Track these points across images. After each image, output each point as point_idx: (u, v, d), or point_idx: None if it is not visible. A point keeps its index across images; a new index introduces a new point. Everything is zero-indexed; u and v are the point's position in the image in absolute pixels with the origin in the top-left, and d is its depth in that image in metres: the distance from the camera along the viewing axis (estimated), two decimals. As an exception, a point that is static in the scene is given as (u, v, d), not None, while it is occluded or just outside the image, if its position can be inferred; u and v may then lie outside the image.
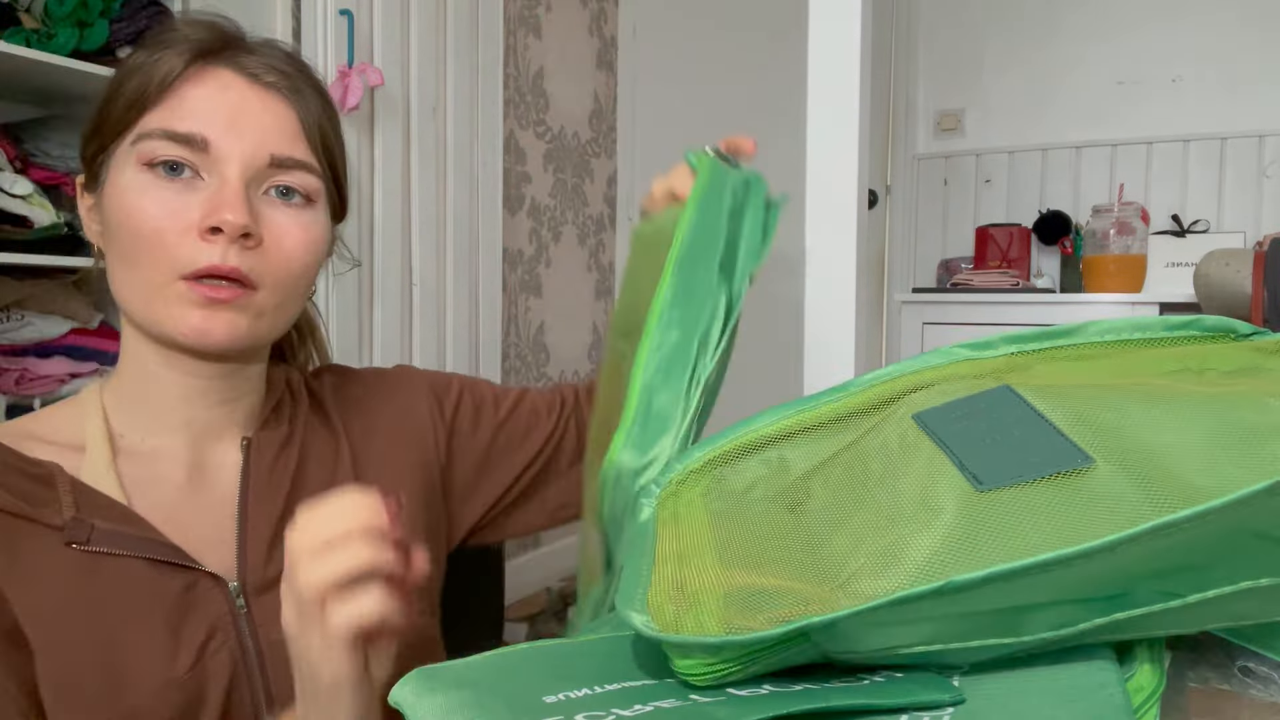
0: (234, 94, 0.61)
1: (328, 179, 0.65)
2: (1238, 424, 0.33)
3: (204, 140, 0.59)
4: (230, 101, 0.60)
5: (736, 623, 0.30)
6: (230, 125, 0.60)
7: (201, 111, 0.60)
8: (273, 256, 0.61)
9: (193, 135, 0.59)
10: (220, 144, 0.59)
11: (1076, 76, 3.14)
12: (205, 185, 0.59)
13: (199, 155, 0.59)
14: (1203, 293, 2.40)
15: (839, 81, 0.92)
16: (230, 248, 0.59)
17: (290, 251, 0.62)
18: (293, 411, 0.72)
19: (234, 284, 0.60)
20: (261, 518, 0.65)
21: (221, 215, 0.58)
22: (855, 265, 0.95)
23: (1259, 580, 0.30)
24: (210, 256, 0.58)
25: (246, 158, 0.60)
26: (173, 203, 0.59)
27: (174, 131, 0.59)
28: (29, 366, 1.60)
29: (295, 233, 0.62)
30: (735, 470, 0.47)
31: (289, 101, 0.63)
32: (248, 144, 0.60)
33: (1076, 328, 0.47)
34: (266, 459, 0.67)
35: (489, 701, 0.31)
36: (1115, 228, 2.89)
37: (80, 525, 0.58)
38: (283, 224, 0.62)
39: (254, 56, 0.63)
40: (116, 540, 0.58)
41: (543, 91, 2.95)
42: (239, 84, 0.61)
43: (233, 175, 0.59)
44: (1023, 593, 0.29)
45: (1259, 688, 0.37)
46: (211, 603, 0.60)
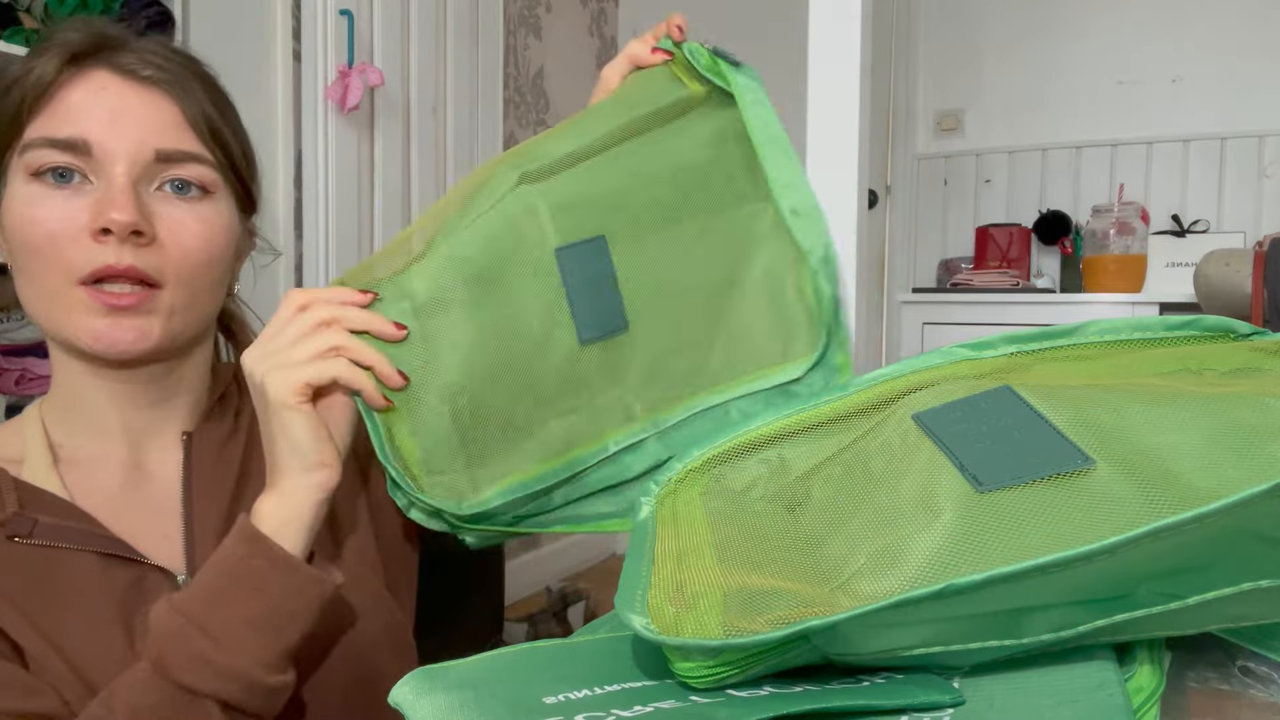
0: (110, 93, 0.59)
1: (224, 168, 0.64)
2: (1237, 425, 0.33)
3: (85, 143, 0.58)
4: (108, 101, 0.59)
5: (737, 625, 0.30)
6: (111, 125, 0.59)
7: (80, 114, 0.59)
8: (171, 252, 0.60)
9: (74, 140, 0.58)
10: (103, 145, 0.58)
11: (1076, 76, 3.14)
12: (94, 188, 0.59)
13: (83, 159, 0.58)
14: (1203, 293, 2.40)
15: (839, 81, 0.92)
16: (123, 247, 0.58)
17: (189, 244, 0.61)
18: (239, 404, 0.71)
19: (136, 285, 0.59)
20: (208, 512, 0.64)
21: (108, 215, 0.57)
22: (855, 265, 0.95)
23: (1259, 582, 0.30)
24: (104, 257, 0.57)
25: (130, 155, 0.59)
26: (62, 209, 0.58)
27: (54, 138, 0.58)
28: (29, 366, 1.60)
29: (191, 225, 0.61)
30: (734, 469, 0.47)
31: (170, 94, 0.61)
32: (130, 141, 0.59)
33: (1076, 328, 0.47)
34: (209, 453, 0.67)
35: (488, 702, 0.31)
36: (1115, 228, 2.89)
37: (22, 520, 0.58)
38: (177, 218, 0.60)
39: (131, 54, 0.61)
40: (60, 534, 0.58)
41: (543, 91, 2.95)
42: (115, 83, 0.60)
43: (119, 174, 0.58)
44: (1023, 594, 0.29)
45: (1259, 688, 0.37)
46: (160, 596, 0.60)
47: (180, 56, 0.64)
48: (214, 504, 0.65)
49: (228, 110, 0.66)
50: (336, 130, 1.90)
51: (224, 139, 0.64)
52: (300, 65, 1.88)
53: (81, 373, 0.63)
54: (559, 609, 2.25)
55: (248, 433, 0.70)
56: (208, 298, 0.64)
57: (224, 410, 0.70)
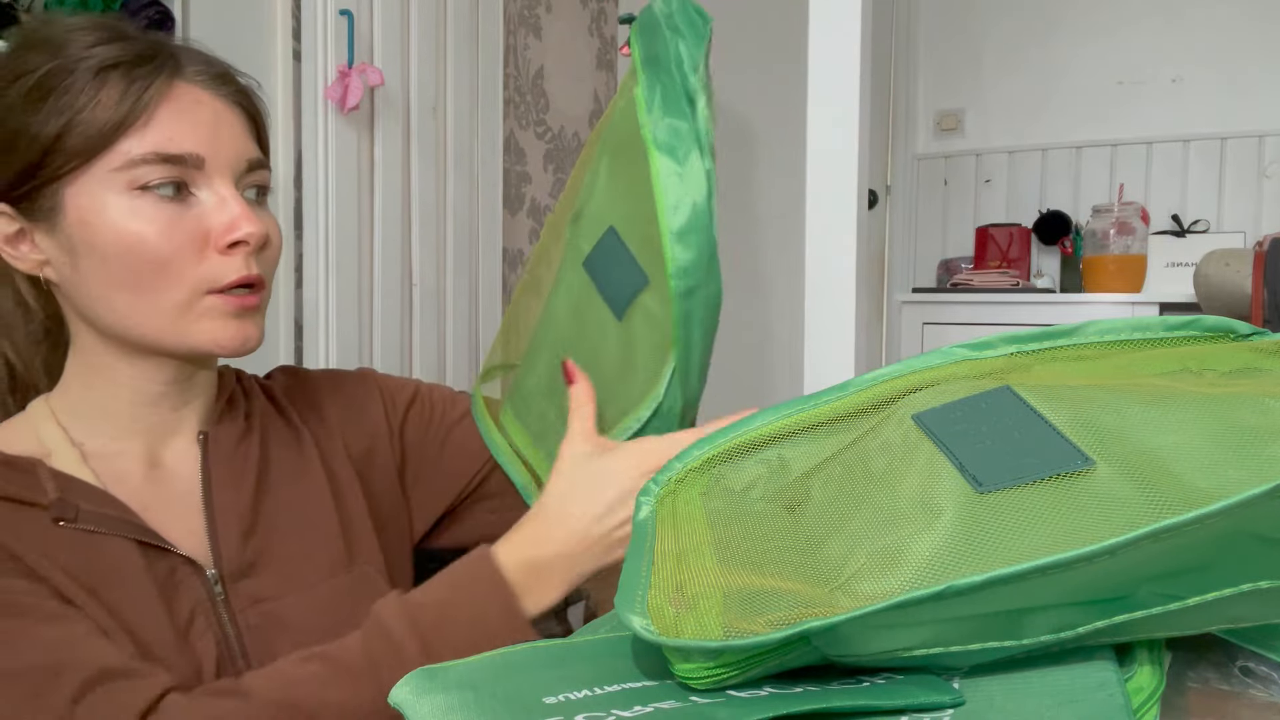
0: (207, 110, 0.62)
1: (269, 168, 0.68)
2: (1237, 425, 0.33)
3: (199, 158, 0.60)
4: (205, 116, 0.62)
5: (737, 626, 0.30)
6: (214, 140, 0.61)
7: (187, 131, 0.60)
8: (268, 255, 0.65)
9: (187, 155, 0.60)
10: (212, 159, 0.61)
11: (1076, 76, 3.14)
12: (200, 200, 0.61)
13: (192, 173, 0.60)
14: (1203, 293, 2.40)
15: (839, 81, 0.92)
16: (251, 258, 0.62)
17: (277, 246, 0.66)
18: (248, 407, 0.73)
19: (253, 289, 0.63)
20: (230, 507, 0.66)
21: (244, 229, 0.60)
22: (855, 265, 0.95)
23: (1259, 583, 0.30)
24: (238, 270, 0.61)
25: (234, 167, 0.62)
26: (179, 222, 0.60)
27: (168, 154, 0.59)
28: (29, 366, 1.60)
29: (275, 228, 0.66)
30: (734, 469, 0.47)
31: (242, 104, 0.65)
32: (233, 154, 0.62)
33: (1076, 328, 0.47)
34: (225, 451, 0.69)
35: (488, 702, 0.31)
36: (1115, 228, 2.89)
37: (66, 504, 0.59)
38: (267, 223, 0.64)
39: (201, 64, 0.64)
40: (102, 520, 0.60)
41: (543, 91, 2.95)
42: (208, 99, 0.63)
43: (227, 187, 0.62)
44: (1023, 595, 0.29)
45: (1259, 688, 0.37)
46: (192, 588, 0.62)
47: (231, 69, 0.67)
48: (236, 499, 0.67)
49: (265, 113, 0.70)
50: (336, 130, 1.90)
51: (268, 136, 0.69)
52: (300, 65, 1.88)
53: (123, 374, 0.65)
54: (559, 609, 2.25)
55: (261, 432, 0.72)
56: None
57: (234, 412, 0.72)
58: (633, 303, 0.66)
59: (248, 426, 0.72)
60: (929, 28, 3.35)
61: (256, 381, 0.78)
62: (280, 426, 0.74)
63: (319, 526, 0.70)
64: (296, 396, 0.78)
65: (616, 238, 0.67)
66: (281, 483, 0.70)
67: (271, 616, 0.64)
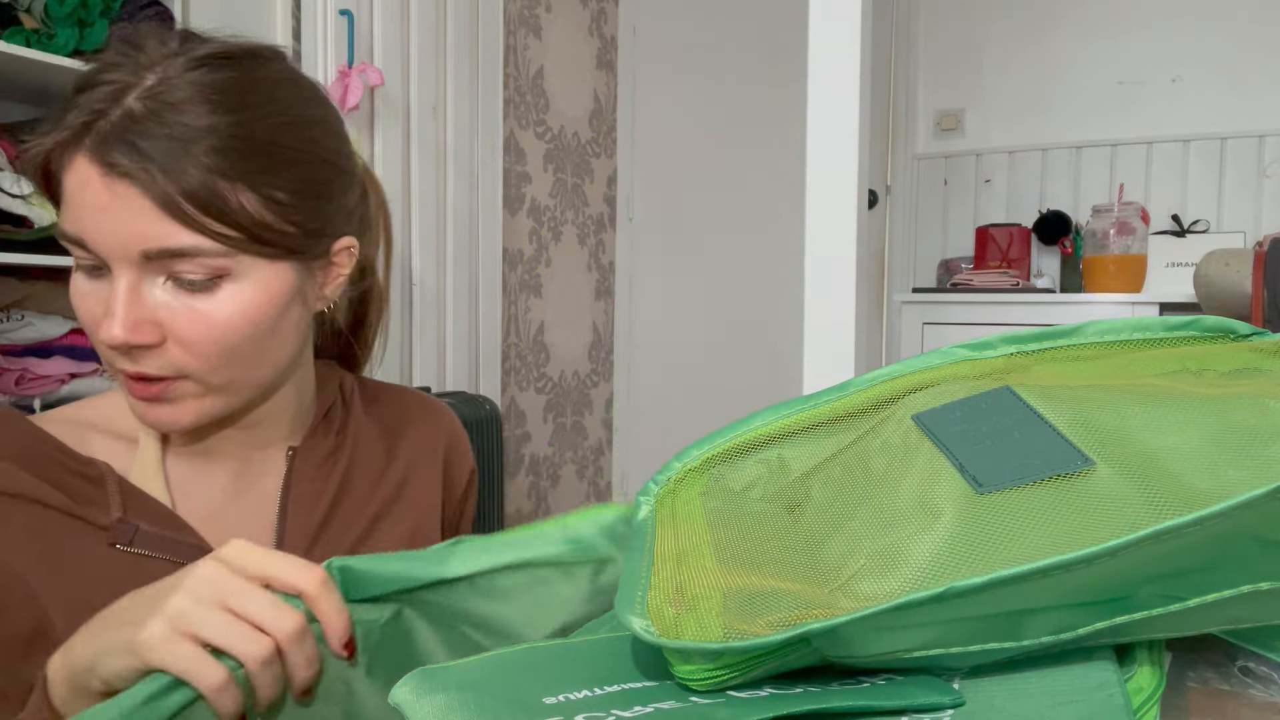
0: (90, 190, 0.54)
1: (240, 241, 0.56)
2: (1237, 426, 0.33)
3: (83, 242, 0.55)
4: (88, 199, 0.54)
5: (737, 627, 0.30)
6: (97, 226, 0.54)
7: (75, 210, 0.55)
8: (176, 352, 0.56)
9: (78, 238, 0.55)
10: (96, 246, 0.55)
11: (1076, 76, 3.14)
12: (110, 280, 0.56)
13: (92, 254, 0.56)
14: (1203, 293, 2.40)
15: (839, 81, 0.92)
16: (138, 355, 0.56)
17: (199, 340, 0.56)
18: (344, 420, 0.72)
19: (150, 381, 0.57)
20: (299, 529, 0.65)
21: (106, 330, 0.54)
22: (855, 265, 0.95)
23: (1259, 584, 0.30)
24: (122, 364, 0.56)
25: (121, 257, 0.54)
26: (89, 300, 0.57)
27: (64, 233, 0.56)
28: (29, 366, 1.60)
29: (199, 323, 0.56)
30: (734, 469, 0.47)
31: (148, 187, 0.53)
32: (116, 245, 0.54)
33: (1076, 328, 0.47)
34: (310, 469, 0.67)
35: (488, 702, 0.31)
36: (1115, 228, 2.89)
37: (125, 527, 0.58)
38: (181, 318, 0.56)
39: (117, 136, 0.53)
40: (159, 544, 0.59)
41: (543, 91, 2.95)
42: (95, 176, 0.53)
43: (119, 278, 0.55)
44: (1023, 597, 0.29)
45: (1259, 688, 0.37)
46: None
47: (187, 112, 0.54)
48: (305, 522, 0.65)
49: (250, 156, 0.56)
50: (336, 130, 1.90)
51: (227, 210, 0.55)
52: (300, 65, 1.88)
53: None
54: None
55: (350, 451, 0.71)
56: (248, 371, 0.60)
57: (329, 426, 0.70)
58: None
59: (338, 444, 0.70)
60: (929, 28, 3.35)
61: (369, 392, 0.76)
62: (373, 447, 0.72)
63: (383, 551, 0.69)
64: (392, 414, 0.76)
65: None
66: (358, 507, 0.69)
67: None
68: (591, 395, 3.32)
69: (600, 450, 3.40)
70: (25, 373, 1.60)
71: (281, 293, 0.60)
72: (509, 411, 2.87)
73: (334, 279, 0.65)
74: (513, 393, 2.89)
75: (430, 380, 2.27)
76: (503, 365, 2.77)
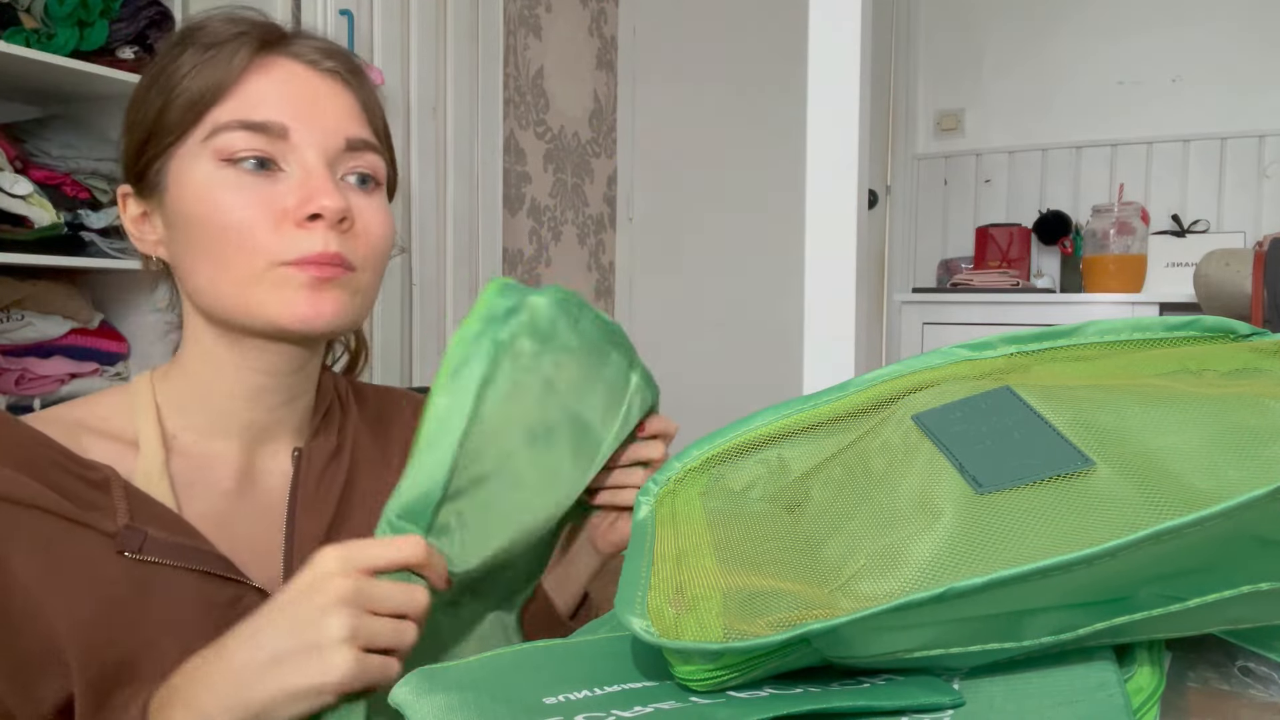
0: (301, 82, 0.61)
1: (388, 161, 0.66)
2: (1237, 426, 0.33)
3: (283, 128, 0.59)
4: (299, 90, 0.60)
5: (737, 628, 0.30)
6: (305, 112, 0.60)
7: (275, 100, 0.59)
8: (363, 240, 0.61)
9: (270, 123, 0.58)
10: (298, 131, 0.59)
11: (1076, 76, 3.14)
12: (287, 175, 0.59)
13: (278, 144, 0.59)
14: (1203, 293, 2.40)
15: (839, 81, 0.92)
16: (329, 234, 0.59)
17: (377, 235, 0.63)
18: (342, 420, 0.72)
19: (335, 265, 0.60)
20: (309, 530, 0.65)
21: (319, 201, 0.58)
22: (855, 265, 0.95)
23: (1259, 584, 0.30)
24: (312, 244, 0.58)
25: (324, 143, 0.60)
26: (261, 193, 0.58)
27: (251, 121, 0.58)
28: (29, 366, 1.60)
29: (379, 217, 0.63)
30: (734, 469, 0.47)
31: (349, 86, 0.63)
32: (324, 129, 0.60)
33: (1076, 328, 0.47)
34: (315, 470, 0.68)
35: (488, 702, 0.31)
36: (1115, 228, 2.89)
37: (133, 534, 0.57)
38: (366, 208, 0.62)
39: (309, 45, 0.62)
40: (169, 551, 0.58)
41: (543, 91, 2.94)
42: (304, 72, 0.61)
43: (315, 162, 0.59)
44: (1023, 597, 0.29)
45: (1259, 688, 0.37)
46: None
47: (344, 50, 0.66)
48: (315, 523, 0.65)
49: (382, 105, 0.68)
50: (336, 130, 1.91)
51: (387, 133, 0.67)
52: (300, 65, 1.89)
53: (228, 361, 0.63)
54: (559, 609, 2.25)
55: (351, 452, 0.71)
56: (377, 286, 0.66)
57: (329, 426, 0.71)
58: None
59: (339, 445, 0.70)
60: (929, 28, 3.35)
61: (358, 393, 0.77)
62: (371, 444, 0.73)
63: None
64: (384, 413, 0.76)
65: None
66: (363, 507, 0.69)
67: None
68: (591, 395, 3.31)
69: (600, 450, 3.39)
70: (25, 373, 1.59)
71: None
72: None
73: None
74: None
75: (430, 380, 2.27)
76: (503, 365, 2.76)
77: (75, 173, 1.61)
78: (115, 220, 1.65)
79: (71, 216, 1.60)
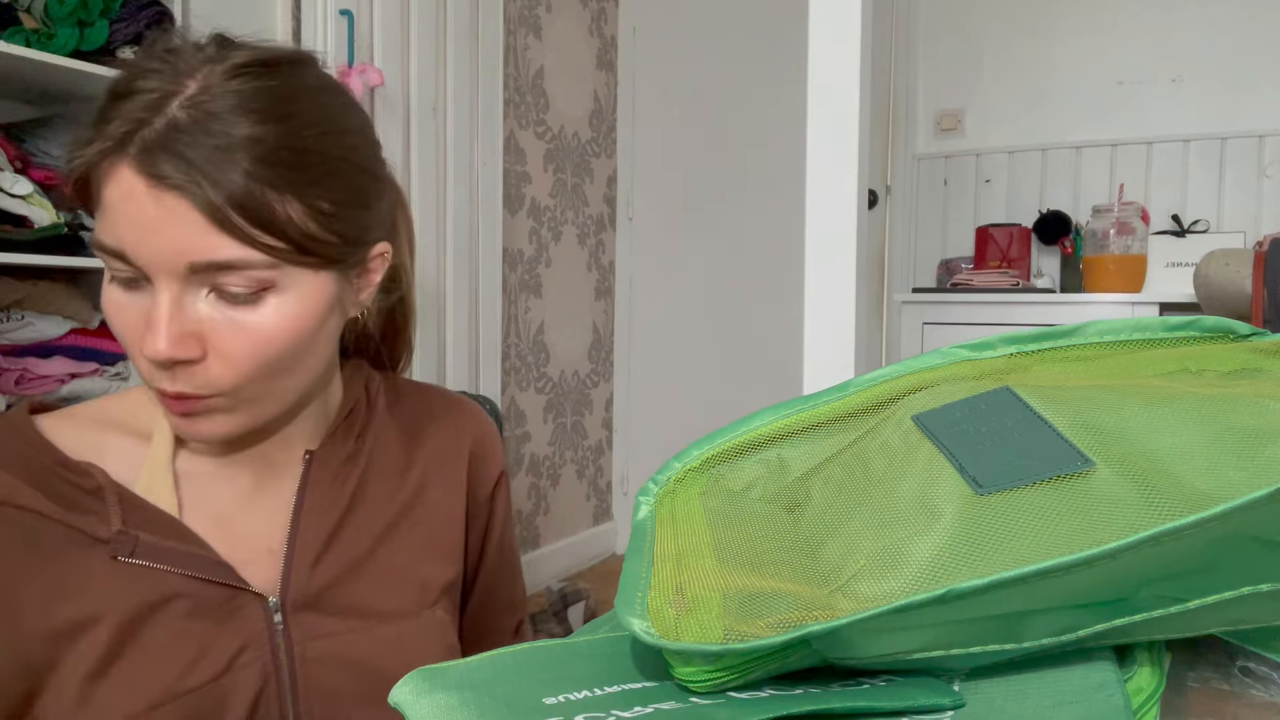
0: (134, 203, 0.52)
1: (286, 252, 0.55)
2: (1237, 427, 0.33)
3: (124, 255, 0.54)
4: (132, 212, 0.53)
5: (737, 629, 0.30)
6: (141, 238, 0.53)
7: (116, 222, 0.53)
8: (221, 367, 0.55)
9: (119, 251, 0.54)
10: (138, 258, 0.53)
11: (1076, 76, 3.14)
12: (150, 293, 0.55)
13: (132, 266, 0.54)
14: (1203, 293, 2.40)
15: (839, 81, 0.92)
16: (171, 373, 0.55)
17: (240, 356, 0.56)
18: (365, 422, 0.71)
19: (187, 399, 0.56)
20: (312, 534, 0.64)
21: (149, 345, 0.54)
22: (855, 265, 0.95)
23: (1259, 586, 0.30)
24: (160, 382, 0.55)
25: (165, 270, 0.53)
26: (126, 313, 0.56)
27: (104, 245, 0.54)
28: (29, 366, 1.60)
29: (236, 339, 0.55)
30: (733, 469, 0.47)
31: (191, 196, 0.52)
32: (161, 257, 0.53)
33: (1076, 328, 0.47)
34: (327, 474, 0.66)
35: (488, 702, 0.31)
36: (1115, 228, 2.89)
37: (125, 539, 0.57)
38: (223, 331, 0.55)
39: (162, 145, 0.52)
40: (161, 555, 0.58)
41: (543, 91, 2.94)
42: (140, 187, 0.52)
43: (160, 289, 0.54)
44: (1024, 598, 0.29)
45: (1259, 688, 0.37)
46: (249, 618, 0.60)
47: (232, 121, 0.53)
48: (319, 528, 0.64)
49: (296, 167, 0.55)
50: (336, 130, 1.90)
51: (275, 221, 0.54)
52: (300, 65, 1.89)
53: None
54: (559, 609, 2.25)
55: (368, 456, 0.69)
56: (284, 384, 0.60)
57: (349, 429, 0.69)
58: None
59: (357, 448, 0.69)
60: (929, 28, 3.35)
61: (396, 392, 0.75)
62: (393, 450, 0.71)
63: (399, 563, 0.68)
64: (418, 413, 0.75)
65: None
66: (373, 513, 0.68)
67: (332, 651, 0.62)
68: (591, 395, 3.31)
69: (600, 450, 3.40)
70: (25, 373, 1.59)
71: (323, 302, 0.59)
72: (509, 411, 2.87)
73: (369, 285, 0.65)
74: (513, 393, 2.88)
75: (430, 380, 2.27)
76: (503, 365, 2.76)
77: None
78: (115, 220, 1.65)
79: (71, 216, 1.60)
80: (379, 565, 0.67)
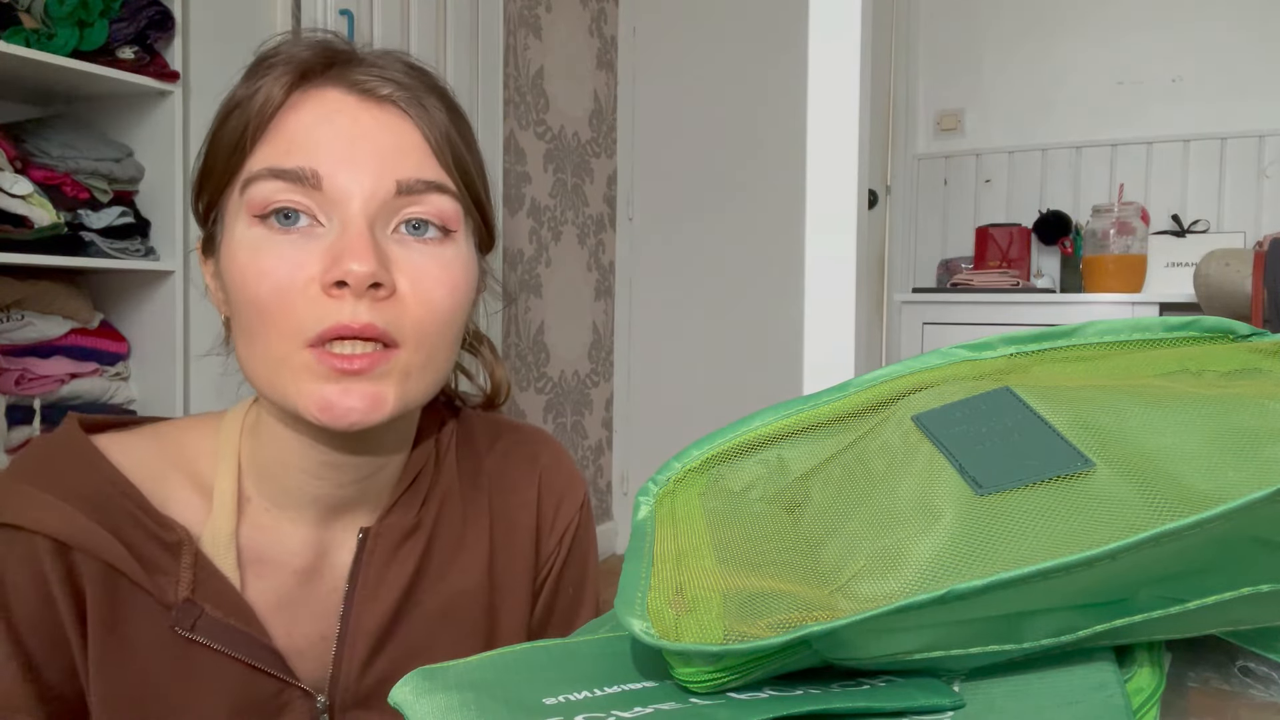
0: (344, 117, 0.51)
1: (467, 201, 0.55)
2: (1237, 427, 0.33)
3: (315, 175, 0.50)
4: (341, 126, 0.51)
5: (737, 629, 0.30)
6: (345, 153, 0.50)
7: (309, 141, 0.50)
8: (411, 306, 0.51)
9: (302, 171, 0.50)
10: (336, 177, 0.50)
11: (1076, 76, 3.14)
12: (325, 231, 0.51)
13: (313, 194, 0.50)
14: (1203, 293, 2.40)
15: (839, 81, 0.92)
16: (359, 303, 0.49)
17: (431, 297, 0.52)
18: (431, 488, 0.63)
19: (370, 345, 0.50)
20: (365, 623, 0.59)
21: (344, 265, 0.48)
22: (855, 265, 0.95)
23: (1259, 586, 0.30)
24: (337, 315, 0.49)
25: (368, 190, 0.50)
26: (291, 257, 0.50)
27: (280, 169, 0.50)
28: (29, 366, 1.60)
29: (434, 273, 0.52)
30: (733, 469, 0.47)
31: (410, 114, 0.53)
32: (368, 173, 0.50)
33: (1076, 328, 0.47)
34: (384, 552, 0.60)
35: (488, 702, 0.31)
36: (1115, 228, 2.89)
37: (190, 610, 0.53)
38: (419, 265, 0.52)
39: (365, 68, 0.53)
40: (221, 634, 0.54)
41: (543, 91, 2.94)
42: (349, 103, 0.51)
43: (354, 214, 0.50)
44: (1024, 599, 0.29)
45: (1259, 688, 0.37)
46: (296, 714, 0.57)
47: (419, 71, 0.56)
48: (373, 616, 0.59)
49: (469, 133, 0.56)
50: (336, 130, 1.91)
51: (466, 167, 0.55)
52: (300, 65, 1.89)
53: (285, 436, 0.56)
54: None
55: (431, 529, 0.62)
56: (446, 356, 0.55)
57: (412, 499, 0.62)
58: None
59: (418, 520, 0.62)
60: (929, 28, 3.35)
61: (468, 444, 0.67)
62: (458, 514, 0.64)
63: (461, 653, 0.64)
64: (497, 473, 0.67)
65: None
66: (432, 595, 0.62)
67: None
68: (591, 395, 3.32)
69: (600, 450, 3.40)
70: (25, 373, 1.59)
71: (475, 277, 0.57)
72: (509, 412, 2.87)
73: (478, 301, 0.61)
74: (513, 393, 2.89)
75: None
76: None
77: (75, 173, 1.61)
78: (115, 220, 1.65)
79: (71, 216, 1.60)
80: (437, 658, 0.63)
